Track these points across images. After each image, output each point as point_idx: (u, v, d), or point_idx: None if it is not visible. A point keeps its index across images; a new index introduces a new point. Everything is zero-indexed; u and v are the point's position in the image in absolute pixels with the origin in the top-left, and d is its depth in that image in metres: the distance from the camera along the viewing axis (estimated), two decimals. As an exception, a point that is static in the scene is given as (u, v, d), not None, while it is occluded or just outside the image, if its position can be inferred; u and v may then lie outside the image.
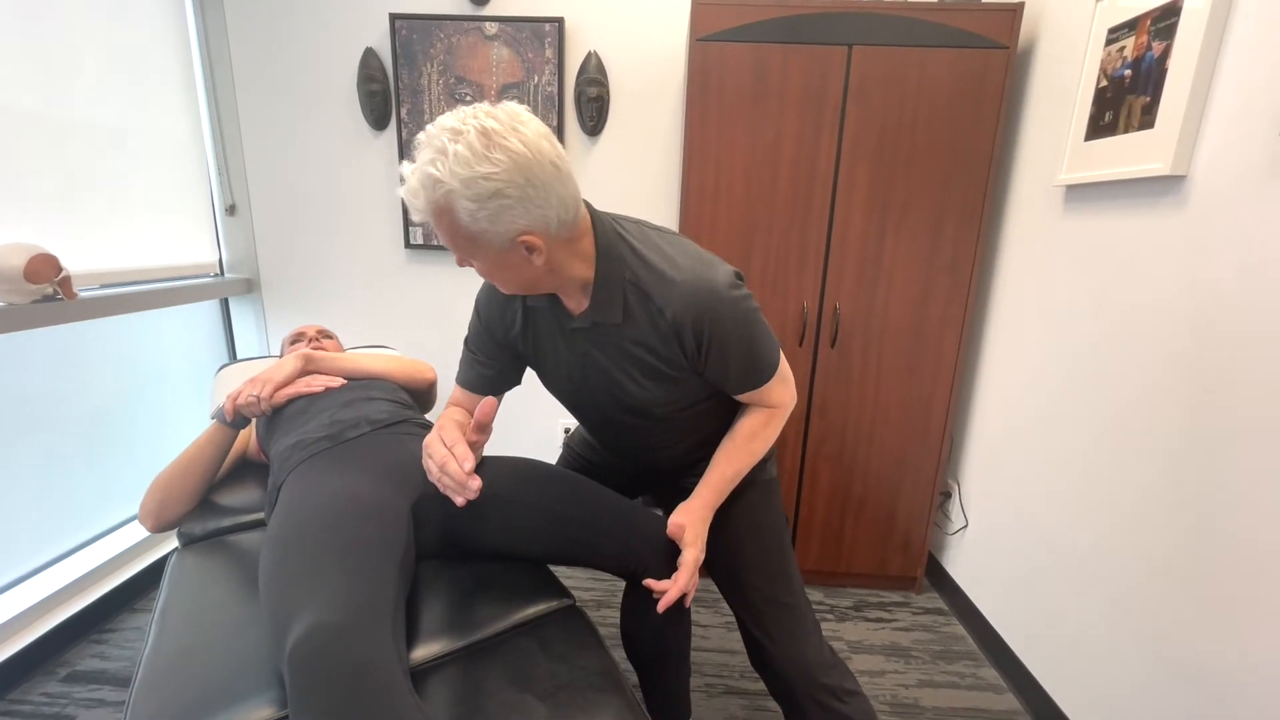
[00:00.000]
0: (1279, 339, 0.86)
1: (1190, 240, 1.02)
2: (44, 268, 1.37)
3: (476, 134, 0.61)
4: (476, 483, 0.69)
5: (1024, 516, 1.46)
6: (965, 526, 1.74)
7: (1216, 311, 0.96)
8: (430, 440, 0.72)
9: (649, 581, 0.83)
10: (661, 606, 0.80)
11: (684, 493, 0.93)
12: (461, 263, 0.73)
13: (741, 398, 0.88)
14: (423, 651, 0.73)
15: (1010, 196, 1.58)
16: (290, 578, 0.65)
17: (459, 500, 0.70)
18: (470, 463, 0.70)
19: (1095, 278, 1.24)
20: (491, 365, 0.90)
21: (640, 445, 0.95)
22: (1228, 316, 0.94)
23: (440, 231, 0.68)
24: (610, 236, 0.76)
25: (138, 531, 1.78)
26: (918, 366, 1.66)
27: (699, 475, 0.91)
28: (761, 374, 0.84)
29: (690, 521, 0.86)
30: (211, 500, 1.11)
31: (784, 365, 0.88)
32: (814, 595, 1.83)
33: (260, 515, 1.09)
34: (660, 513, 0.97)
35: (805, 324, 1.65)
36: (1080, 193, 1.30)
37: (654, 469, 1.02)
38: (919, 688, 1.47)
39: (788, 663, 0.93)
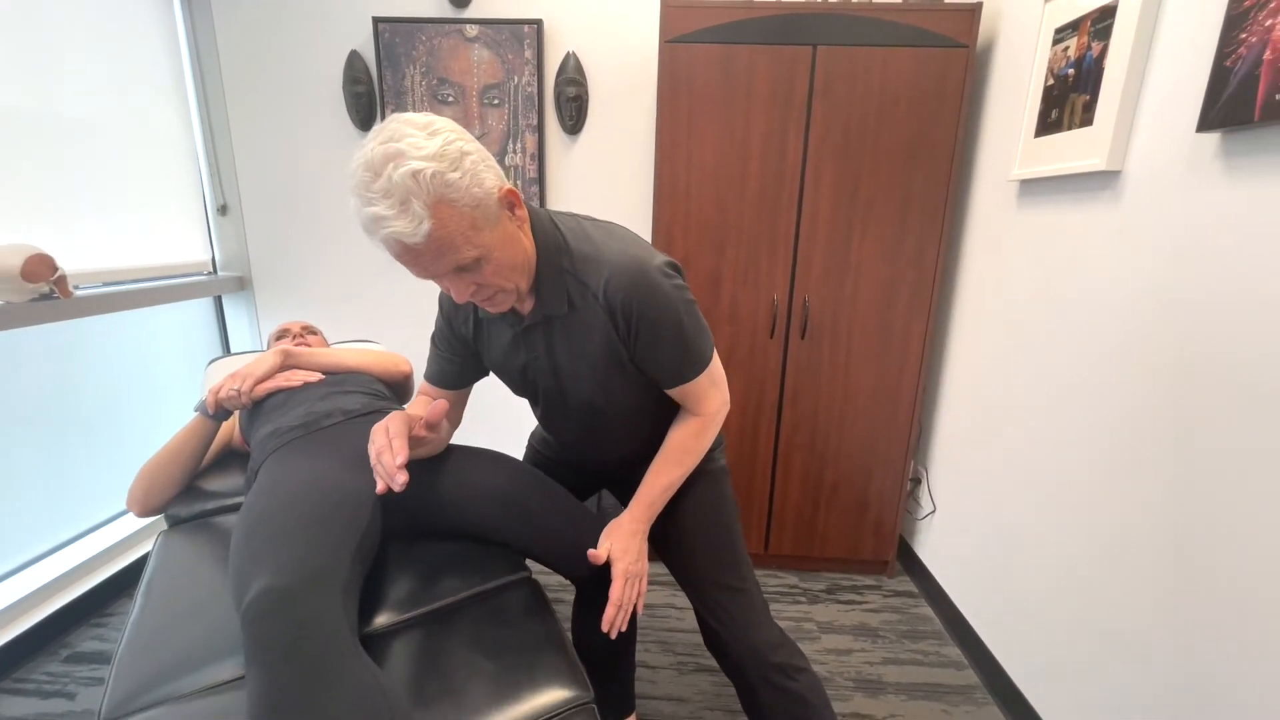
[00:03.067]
0: (1205, 327, 0.91)
1: (1124, 233, 1.07)
2: (40, 267, 1.43)
3: (410, 127, 0.65)
4: (403, 477, 0.71)
5: (985, 501, 1.51)
6: (933, 511, 1.79)
7: (1149, 301, 1.01)
8: (377, 428, 0.77)
9: (608, 613, 0.83)
10: (605, 625, 0.82)
11: (635, 485, 0.95)
12: (461, 290, 0.72)
13: (673, 394, 0.88)
14: (388, 617, 0.79)
15: (972, 191, 1.63)
16: (253, 549, 0.72)
17: (380, 486, 0.73)
18: (403, 457, 0.73)
19: (1046, 269, 1.29)
20: (454, 360, 0.95)
21: (590, 442, 0.99)
22: (1159, 306, 0.99)
23: (440, 239, 0.65)
24: (547, 228, 0.79)
25: (136, 521, 1.85)
26: (886, 356, 1.71)
27: (646, 467, 0.94)
28: (691, 364, 0.84)
29: (616, 536, 0.89)
30: (198, 486, 1.17)
31: (717, 368, 0.89)
32: (788, 579, 1.89)
33: (243, 499, 1.15)
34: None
35: (776, 316, 1.70)
36: (1031, 187, 1.35)
37: (605, 465, 1.06)
38: (883, 665, 1.53)
39: (739, 645, 0.96)
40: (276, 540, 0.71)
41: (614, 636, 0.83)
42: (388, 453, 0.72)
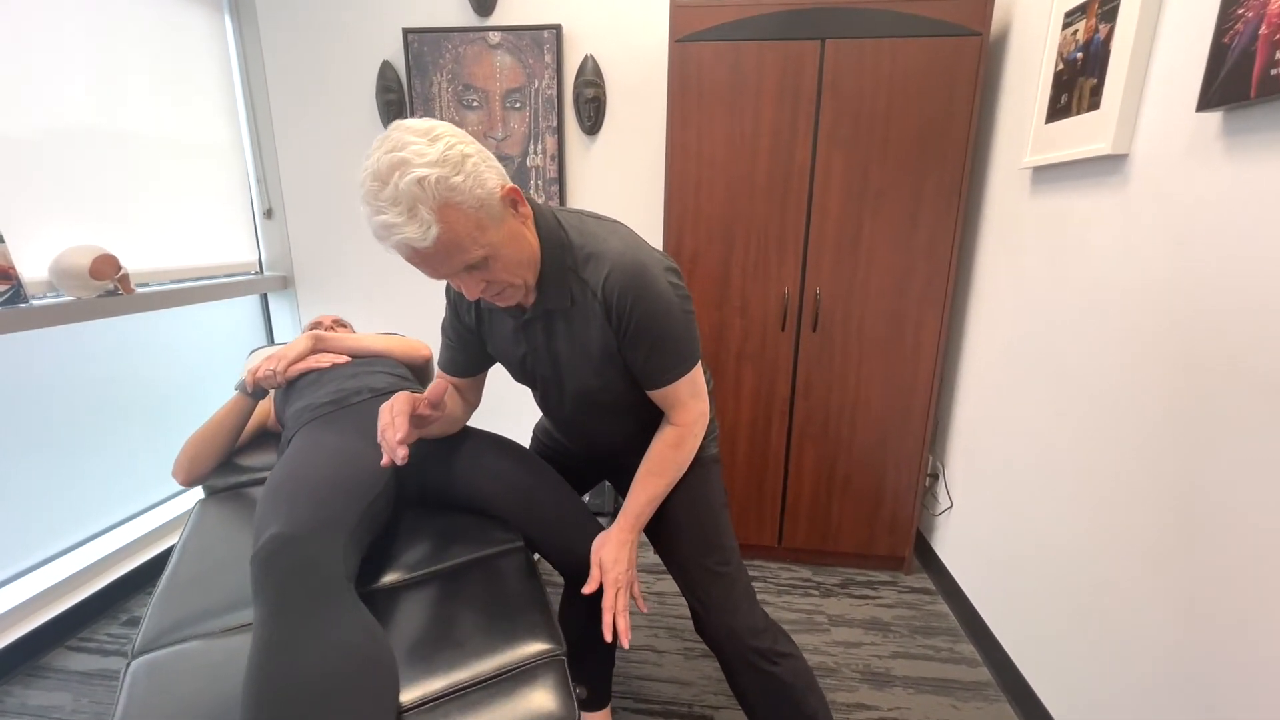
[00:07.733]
0: (1211, 312, 0.89)
1: (1131, 217, 1.04)
2: (105, 266, 1.58)
3: (411, 135, 0.69)
4: (403, 452, 0.76)
5: (1004, 497, 1.48)
6: (950, 507, 1.76)
7: (1157, 287, 0.98)
8: (384, 407, 0.83)
9: (605, 619, 0.85)
10: (606, 632, 0.83)
11: (630, 472, 0.98)
12: (471, 287, 0.74)
13: (654, 397, 0.90)
14: (397, 575, 0.88)
15: (988, 180, 1.60)
16: (272, 505, 0.80)
17: (384, 459, 0.79)
18: (403, 434, 0.78)
19: (1058, 257, 1.26)
20: (463, 349, 1.00)
21: (584, 429, 1.03)
22: (1166, 292, 0.96)
23: (448, 242, 0.68)
24: (550, 225, 0.82)
25: (189, 500, 2.01)
26: (899, 348, 1.70)
27: (640, 456, 0.96)
28: (673, 367, 0.85)
29: (607, 548, 0.91)
30: (235, 461, 1.29)
31: (699, 379, 0.90)
32: (801, 573, 1.89)
33: (275, 473, 1.26)
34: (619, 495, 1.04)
35: (786, 309, 1.71)
36: (1043, 174, 1.32)
37: (601, 451, 1.09)
38: (892, 659, 1.52)
39: (719, 628, 0.98)
40: (292, 498, 0.79)
41: (610, 639, 0.83)
42: (390, 429, 0.78)
